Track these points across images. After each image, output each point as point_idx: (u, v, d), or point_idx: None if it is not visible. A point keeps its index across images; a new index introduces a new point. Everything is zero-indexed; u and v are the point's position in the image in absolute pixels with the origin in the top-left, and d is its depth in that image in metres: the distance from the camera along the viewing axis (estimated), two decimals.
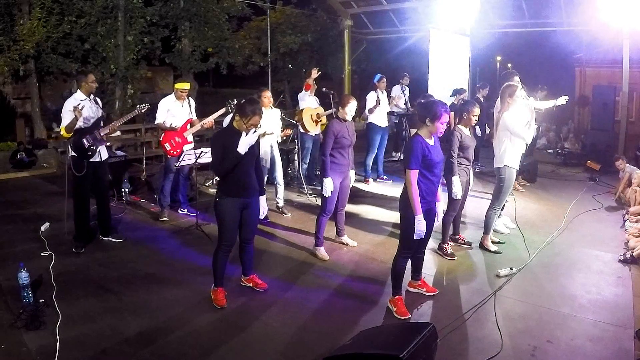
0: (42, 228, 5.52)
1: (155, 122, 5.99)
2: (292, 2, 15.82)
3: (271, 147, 6.05)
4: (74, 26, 9.99)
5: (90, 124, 4.88)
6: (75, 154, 4.84)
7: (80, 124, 4.74)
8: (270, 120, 5.97)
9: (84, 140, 4.80)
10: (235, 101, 5.89)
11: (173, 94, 5.94)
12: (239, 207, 3.79)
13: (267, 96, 5.96)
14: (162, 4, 11.86)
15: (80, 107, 4.63)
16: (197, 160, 5.60)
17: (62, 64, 10.24)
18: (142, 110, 5.48)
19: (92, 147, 4.85)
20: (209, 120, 6.01)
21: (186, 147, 5.87)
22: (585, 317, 3.73)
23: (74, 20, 9.94)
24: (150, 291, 4.12)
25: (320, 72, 7.37)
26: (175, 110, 5.86)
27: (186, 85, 5.94)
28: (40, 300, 3.81)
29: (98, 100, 5.10)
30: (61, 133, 4.85)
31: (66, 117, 4.71)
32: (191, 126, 5.95)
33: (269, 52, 14.52)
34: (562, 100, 5.76)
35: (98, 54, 10.58)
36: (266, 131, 5.82)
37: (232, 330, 3.54)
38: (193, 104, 6.13)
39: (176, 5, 11.94)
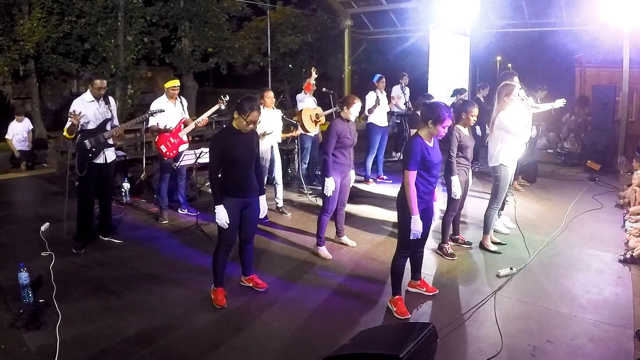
0: (42, 228, 5.52)
1: (149, 125, 5.82)
2: (292, 2, 15.81)
3: (271, 147, 6.05)
4: (74, 26, 9.98)
5: (96, 126, 4.87)
6: (77, 154, 4.85)
7: (84, 125, 4.76)
8: (271, 120, 5.97)
9: (87, 142, 4.80)
10: (228, 97, 5.91)
11: (164, 94, 5.81)
12: (239, 207, 3.79)
13: (270, 96, 5.96)
14: (162, 4, 11.86)
15: (77, 112, 4.61)
16: (197, 160, 5.60)
17: (62, 64, 10.23)
18: (153, 117, 5.49)
19: (93, 149, 4.84)
20: (203, 118, 5.93)
21: (182, 148, 5.83)
22: (585, 317, 3.73)
23: (74, 20, 9.94)
24: (150, 291, 4.12)
25: (318, 74, 7.39)
26: (168, 111, 5.72)
27: (176, 83, 5.86)
28: (40, 300, 3.81)
29: (111, 100, 5.05)
30: (64, 134, 4.85)
31: (69, 118, 4.70)
32: (185, 126, 5.86)
33: (269, 52, 14.51)
34: (560, 102, 5.82)
35: (98, 54, 10.57)
36: (266, 131, 5.83)
37: (232, 330, 3.54)
38: (185, 103, 6.08)
39: (176, 5, 11.94)
